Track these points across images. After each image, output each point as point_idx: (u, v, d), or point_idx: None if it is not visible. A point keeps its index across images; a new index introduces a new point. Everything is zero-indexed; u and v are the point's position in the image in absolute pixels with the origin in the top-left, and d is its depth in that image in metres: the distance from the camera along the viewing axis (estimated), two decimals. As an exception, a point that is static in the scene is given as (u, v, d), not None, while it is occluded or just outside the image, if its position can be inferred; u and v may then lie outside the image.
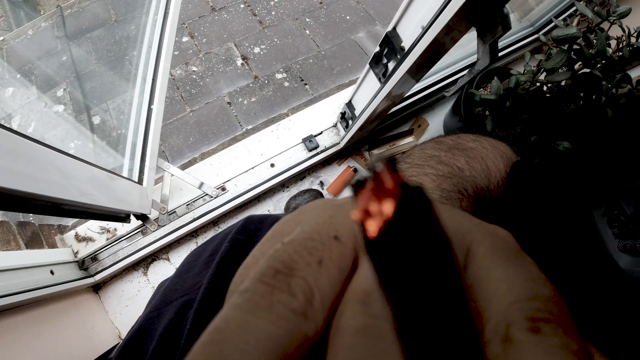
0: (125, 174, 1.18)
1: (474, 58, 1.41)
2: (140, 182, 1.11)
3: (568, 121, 0.93)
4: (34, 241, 1.22)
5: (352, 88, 1.05)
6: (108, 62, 2.21)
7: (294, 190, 1.32)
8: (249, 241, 0.58)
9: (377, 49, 0.76)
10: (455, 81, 1.39)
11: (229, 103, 1.95)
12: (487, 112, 1.10)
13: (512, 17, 1.56)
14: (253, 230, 0.60)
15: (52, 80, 2.19)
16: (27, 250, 1.15)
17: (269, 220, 0.60)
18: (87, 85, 2.13)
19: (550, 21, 1.44)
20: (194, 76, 2.05)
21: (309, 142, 1.28)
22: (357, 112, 1.06)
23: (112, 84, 2.14)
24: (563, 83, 0.97)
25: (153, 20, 1.27)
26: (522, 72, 1.03)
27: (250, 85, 2.01)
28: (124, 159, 1.24)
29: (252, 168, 1.28)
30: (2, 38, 2.39)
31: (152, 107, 1.15)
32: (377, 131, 1.42)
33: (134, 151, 1.18)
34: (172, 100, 1.99)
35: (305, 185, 1.33)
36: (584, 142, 0.94)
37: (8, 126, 0.53)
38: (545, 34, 1.45)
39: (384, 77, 0.79)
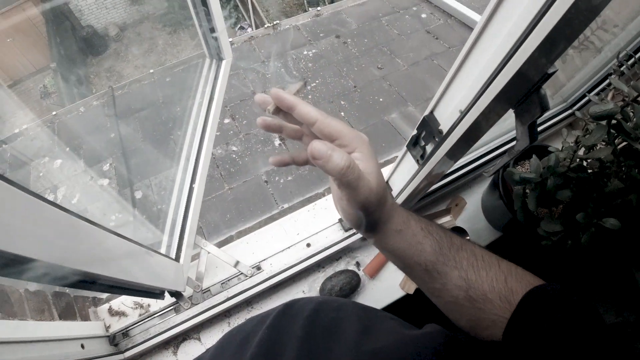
0: (163, 250, 1.20)
1: (510, 135, 1.40)
2: (177, 259, 1.12)
3: (613, 198, 0.89)
4: (67, 312, 1.22)
5: (388, 168, 1.06)
6: (153, 141, 2.34)
7: (330, 271, 1.29)
8: (287, 327, 0.56)
9: (415, 132, 0.77)
10: (493, 159, 1.38)
11: (266, 181, 2.00)
12: (527, 190, 1.08)
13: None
14: (291, 317, 0.58)
15: (99, 155, 2.32)
16: (60, 322, 1.14)
17: (307, 308, 0.58)
18: (132, 161, 2.26)
19: (584, 96, 1.44)
20: (234, 155, 2.14)
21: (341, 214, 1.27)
22: (394, 193, 1.05)
23: (155, 161, 2.25)
24: (604, 158, 0.94)
25: (199, 104, 1.35)
26: (560, 148, 1.02)
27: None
28: (163, 235, 1.26)
29: (288, 247, 1.27)
30: (54, 113, 2.58)
31: (193, 185, 1.19)
32: (413, 211, 1.40)
33: (173, 228, 1.21)
34: (211, 177, 2.06)
35: (341, 265, 1.30)
36: (633, 220, 0.89)
37: (52, 199, 0.55)
38: (579, 109, 1.44)
39: (422, 159, 0.79)
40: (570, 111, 1.49)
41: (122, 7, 11.08)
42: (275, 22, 2.93)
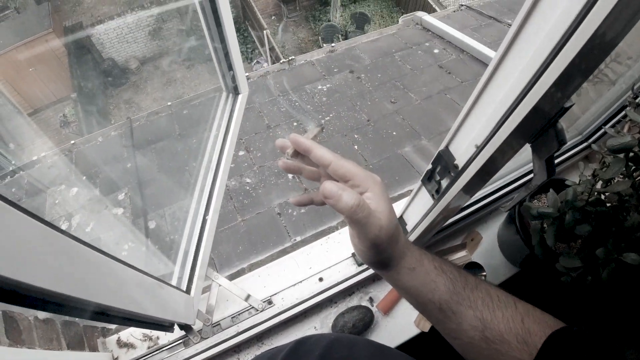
0: (174, 282, 1.19)
1: (526, 168, 1.39)
2: (188, 291, 1.11)
3: (633, 232, 0.87)
4: (76, 342, 1.20)
5: (402, 202, 1.05)
6: (169, 171, 2.38)
7: (343, 306, 1.27)
8: None
9: (430, 166, 0.77)
10: (509, 193, 1.36)
11: (279, 214, 2.00)
12: (545, 225, 1.06)
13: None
14: (303, 354, 0.56)
15: (115, 184, 2.36)
16: (68, 352, 1.13)
17: (319, 346, 0.57)
18: (147, 191, 2.28)
19: (600, 128, 1.43)
20: (247, 187, 2.15)
21: (355, 251, 1.25)
22: (408, 227, 1.04)
23: (170, 192, 2.27)
24: (622, 192, 0.92)
25: (214, 136, 1.37)
26: (577, 182, 1.00)
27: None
28: (175, 266, 1.25)
29: (300, 282, 1.25)
30: (73, 142, 2.64)
31: (207, 217, 1.19)
32: (427, 247, 1.38)
33: (185, 259, 1.20)
34: (224, 209, 2.06)
35: (354, 301, 1.27)
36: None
37: (66, 227, 0.56)
38: (596, 142, 1.43)
39: (437, 193, 0.78)
40: (586, 144, 1.47)
41: (142, 41, 11.52)
42: (290, 58, 3.00)
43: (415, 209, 0.97)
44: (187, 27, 11.51)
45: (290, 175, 2.17)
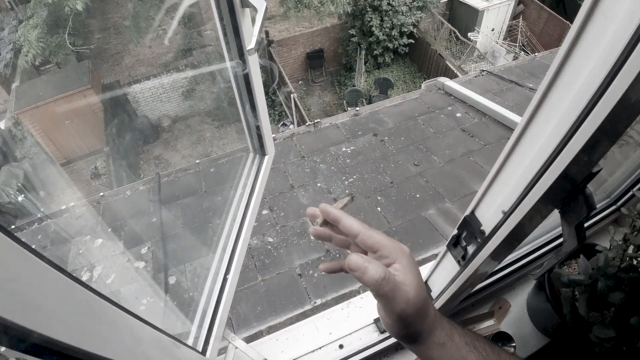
0: (190, 341, 1.16)
1: (555, 232, 1.35)
2: (204, 352, 1.08)
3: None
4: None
5: (427, 267, 1.02)
6: (192, 228, 2.40)
7: (363, 375, 1.20)
8: None
9: (455, 231, 0.76)
10: (538, 258, 1.32)
11: (299, 275, 1.97)
12: (576, 293, 1.02)
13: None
14: None
15: (139, 237, 2.38)
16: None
17: None
18: (170, 246, 2.30)
19: (628, 191, 1.39)
20: (269, 246, 2.14)
21: (381, 323, 1.21)
22: (433, 294, 1.01)
23: (192, 248, 2.28)
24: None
25: (240, 195, 1.39)
26: (608, 247, 0.97)
27: (322, 258, 2.05)
28: (192, 325, 1.23)
29: (319, 348, 1.20)
30: (102, 194, 2.71)
31: (227, 276, 1.18)
32: (453, 314, 1.32)
33: (203, 318, 1.18)
34: (245, 267, 2.05)
35: (375, 370, 1.21)
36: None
37: (87, 277, 0.56)
38: (625, 205, 1.38)
39: (464, 260, 0.76)
40: (615, 207, 1.44)
41: (176, 101, 12.14)
42: (316, 121, 3.09)
43: (441, 275, 0.94)
44: (218, 89, 12.12)
45: (312, 236, 2.16)
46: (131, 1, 9.48)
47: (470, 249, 0.73)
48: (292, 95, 10.92)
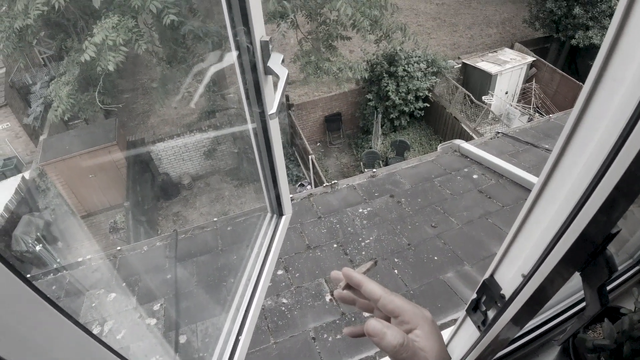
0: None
1: (579, 296, 1.30)
2: (212, 420, 1.03)
3: None
4: None
5: (446, 333, 0.98)
6: (207, 286, 2.37)
7: None
8: None
9: (475, 295, 0.74)
10: (562, 323, 1.26)
11: (313, 338, 1.90)
12: (602, 358, 0.96)
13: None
14: None
15: (153, 294, 2.36)
16: None
17: None
18: (183, 304, 2.26)
19: None
20: (283, 308, 2.10)
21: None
22: (453, 361, 0.96)
23: (205, 307, 2.24)
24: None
25: (255, 254, 1.39)
26: (633, 309, 0.93)
27: (337, 321, 1.98)
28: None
29: (333, 417, 1.14)
30: (119, 248, 2.72)
31: (240, 337, 1.15)
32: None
33: (213, 383, 1.14)
34: (258, 329, 1.99)
35: None
36: None
37: (98, 331, 0.55)
38: None
39: (484, 325, 0.74)
40: (638, 267, 1.38)
41: (197, 160, 12.50)
42: (333, 182, 3.13)
43: (460, 341, 0.90)
44: (239, 150, 12.47)
45: (327, 298, 2.12)
46: (160, 65, 10.07)
47: (491, 314, 0.71)
48: (310, 157, 11.14)
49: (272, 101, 0.96)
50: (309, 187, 11.55)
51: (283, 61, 0.90)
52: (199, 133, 12.13)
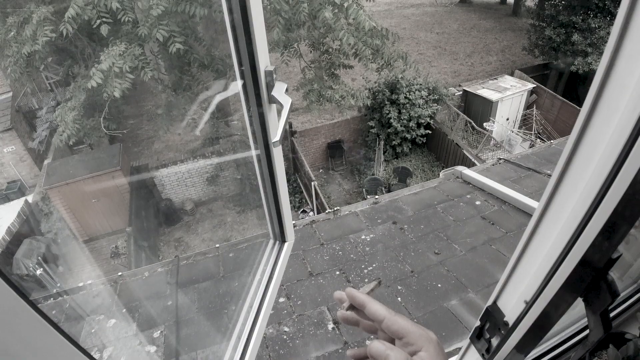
0: None
1: (583, 323, 1.28)
2: None
3: None
4: None
5: (451, 361, 0.97)
6: (208, 313, 2.34)
7: None
8: None
9: (478, 323, 0.73)
10: (566, 351, 1.24)
11: (316, 367, 1.87)
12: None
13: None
14: None
15: (153, 320, 2.33)
16: None
17: None
18: (183, 331, 2.23)
19: None
20: (285, 336, 2.07)
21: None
22: (458, 391, 0.94)
23: (206, 334, 2.21)
24: None
25: (257, 281, 1.38)
26: (638, 335, 0.91)
27: (340, 350, 1.95)
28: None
29: None
30: (120, 273, 2.70)
31: (241, 366, 1.14)
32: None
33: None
34: (259, 358, 1.96)
35: None
36: None
37: (97, 358, 0.55)
38: None
39: (488, 353, 0.73)
40: (641, 292, 1.37)
41: (200, 186, 12.55)
42: (336, 208, 3.13)
43: (465, 369, 0.89)
44: (242, 176, 12.52)
45: (330, 326, 2.09)
46: (165, 92, 10.24)
47: (495, 341, 0.71)
48: (312, 183, 11.16)
49: (276, 129, 0.98)
50: (311, 213, 11.52)
51: (287, 90, 0.92)
52: (202, 159, 12.23)
